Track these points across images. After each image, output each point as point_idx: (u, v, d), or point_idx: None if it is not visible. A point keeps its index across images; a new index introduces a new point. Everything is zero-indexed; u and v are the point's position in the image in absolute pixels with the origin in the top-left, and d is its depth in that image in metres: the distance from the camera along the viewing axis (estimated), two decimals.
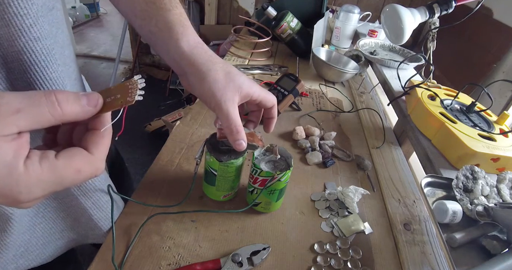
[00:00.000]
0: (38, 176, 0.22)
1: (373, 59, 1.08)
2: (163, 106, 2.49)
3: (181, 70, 0.42)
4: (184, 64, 0.40)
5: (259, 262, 0.46)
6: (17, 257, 0.45)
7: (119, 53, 2.43)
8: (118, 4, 0.42)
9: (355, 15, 1.36)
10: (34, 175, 0.22)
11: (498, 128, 0.67)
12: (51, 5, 0.34)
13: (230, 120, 0.40)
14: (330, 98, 0.99)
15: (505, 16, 1.18)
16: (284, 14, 1.12)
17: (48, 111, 0.22)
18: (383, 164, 0.74)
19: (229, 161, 0.49)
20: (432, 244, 0.55)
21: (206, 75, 0.39)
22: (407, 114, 0.77)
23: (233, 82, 0.40)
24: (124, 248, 0.46)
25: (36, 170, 0.22)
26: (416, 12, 0.86)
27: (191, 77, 0.40)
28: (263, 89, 0.45)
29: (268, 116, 0.48)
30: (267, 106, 0.46)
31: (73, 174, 0.24)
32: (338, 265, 0.48)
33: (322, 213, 0.57)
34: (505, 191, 0.51)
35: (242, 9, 2.47)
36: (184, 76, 0.42)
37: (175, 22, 0.40)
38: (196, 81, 0.40)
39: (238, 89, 0.40)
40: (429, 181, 0.54)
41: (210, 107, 0.41)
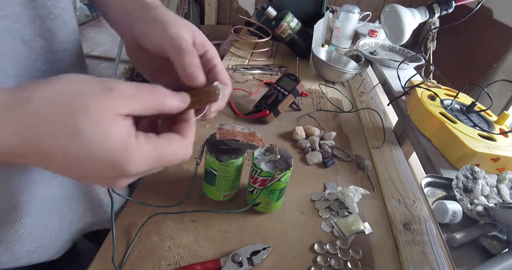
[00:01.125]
0: (144, 151, 0.25)
1: (373, 59, 1.08)
2: None
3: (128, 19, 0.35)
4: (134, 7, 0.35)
5: (259, 262, 0.46)
6: (30, 253, 0.46)
7: (119, 53, 2.43)
8: None
9: (355, 15, 1.36)
10: (141, 150, 0.25)
11: (498, 128, 0.67)
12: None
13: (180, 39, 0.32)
14: (330, 98, 0.99)
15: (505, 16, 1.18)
16: (284, 14, 1.12)
17: (155, 101, 0.26)
18: (383, 164, 0.74)
19: (229, 160, 0.49)
20: (432, 244, 0.55)
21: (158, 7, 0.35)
22: (407, 114, 0.77)
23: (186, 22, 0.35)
24: (124, 248, 0.46)
25: (143, 146, 0.25)
26: (416, 12, 0.86)
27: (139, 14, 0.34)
28: None
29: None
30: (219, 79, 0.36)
31: (171, 154, 0.27)
32: (338, 265, 0.48)
33: (322, 213, 0.57)
34: (505, 191, 0.51)
35: (242, 9, 2.47)
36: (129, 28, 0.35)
37: None
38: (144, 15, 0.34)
39: (189, 30, 0.34)
40: (429, 181, 0.54)
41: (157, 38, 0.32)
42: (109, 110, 0.23)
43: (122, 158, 0.24)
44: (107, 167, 0.24)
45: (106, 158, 0.23)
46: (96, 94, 0.23)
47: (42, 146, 0.22)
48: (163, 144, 0.27)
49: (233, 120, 0.79)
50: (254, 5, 2.40)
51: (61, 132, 0.22)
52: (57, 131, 0.22)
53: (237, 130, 0.49)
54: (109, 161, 0.23)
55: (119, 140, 0.24)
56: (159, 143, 0.26)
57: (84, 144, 0.22)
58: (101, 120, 0.23)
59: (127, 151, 0.24)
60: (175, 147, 0.27)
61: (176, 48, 0.31)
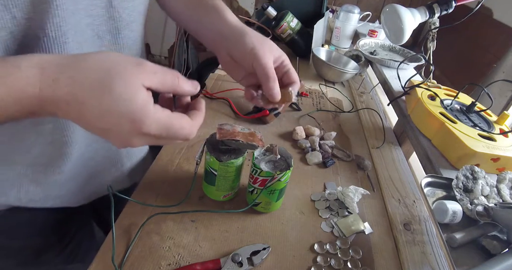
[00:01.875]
0: (158, 115, 0.31)
1: (373, 59, 1.08)
2: None
3: (222, 40, 0.49)
4: (228, 31, 0.49)
5: (259, 262, 0.46)
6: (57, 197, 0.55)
7: None
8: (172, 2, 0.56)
9: (355, 15, 1.36)
10: (156, 113, 0.30)
11: (498, 128, 0.67)
12: None
13: (268, 70, 0.45)
14: (330, 98, 0.99)
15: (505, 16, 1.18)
16: (284, 14, 1.12)
17: (171, 81, 0.32)
18: (383, 164, 0.74)
19: (229, 160, 0.49)
20: (432, 244, 0.55)
21: (247, 33, 0.48)
22: (407, 114, 0.77)
23: (268, 43, 0.48)
24: (124, 248, 0.46)
25: (158, 111, 0.31)
26: (416, 12, 0.86)
27: (233, 38, 0.48)
28: None
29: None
30: (291, 80, 0.50)
31: (178, 127, 0.32)
32: (338, 265, 0.48)
33: (322, 213, 0.57)
34: (505, 191, 0.51)
35: (242, 9, 2.47)
36: (224, 47, 0.50)
37: (220, 5, 0.52)
38: (238, 40, 0.47)
39: (272, 50, 0.47)
40: (429, 181, 0.54)
41: (249, 61, 0.46)
42: (136, 79, 0.29)
43: (141, 115, 0.29)
44: (128, 121, 0.29)
45: (129, 113, 0.29)
46: (129, 65, 0.30)
47: (83, 96, 0.28)
48: (174, 117, 0.32)
49: (233, 120, 0.79)
50: (254, 5, 2.39)
51: (99, 88, 0.28)
52: (97, 87, 0.28)
53: (237, 130, 0.49)
54: (130, 116, 0.29)
55: (141, 101, 0.29)
56: (171, 115, 0.32)
57: (114, 99, 0.28)
58: (129, 85, 0.29)
59: (146, 111, 0.30)
60: (183, 123, 0.33)
61: (265, 76, 0.45)
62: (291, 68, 0.50)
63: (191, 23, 0.55)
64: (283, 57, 0.49)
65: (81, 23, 0.39)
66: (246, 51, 0.46)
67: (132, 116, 0.29)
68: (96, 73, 0.29)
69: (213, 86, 0.92)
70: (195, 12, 0.54)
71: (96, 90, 0.28)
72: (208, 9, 0.52)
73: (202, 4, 0.53)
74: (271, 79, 0.45)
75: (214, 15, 0.51)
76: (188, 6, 0.55)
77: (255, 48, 0.45)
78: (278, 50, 0.49)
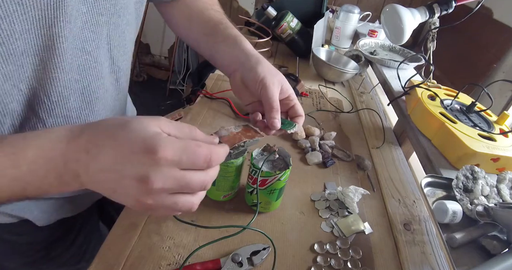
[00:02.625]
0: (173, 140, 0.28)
1: (373, 59, 1.08)
2: (163, 106, 2.49)
3: (237, 64, 0.52)
4: (244, 57, 0.52)
5: (259, 262, 0.46)
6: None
7: None
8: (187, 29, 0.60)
9: (355, 15, 1.36)
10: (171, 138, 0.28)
11: (498, 128, 0.67)
12: None
13: (273, 101, 0.47)
14: (330, 98, 0.99)
15: (505, 16, 1.18)
16: (284, 14, 1.12)
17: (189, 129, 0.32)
18: (383, 164, 0.74)
19: (229, 161, 0.49)
20: (432, 244, 0.55)
21: (262, 62, 0.51)
22: (407, 114, 0.77)
23: (279, 76, 0.50)
24: (124, 248, 0.46)
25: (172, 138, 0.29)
26: (416, 12, 0.86)
27: (248, 65, 0.51)
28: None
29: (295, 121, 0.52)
30: (297, 114, 0.52)
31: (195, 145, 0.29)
32: (338, 265, 0.48)
33: (322, 213, 0.57)
34: (505, 191, 0.51)
35: (242, 9, 2.47)
36: (237, 71, 0.52)
37: (236, 34, 0.56)
38: (252, 67, 0.50)
39: (280, 82, 0.50)
40: (429, 181, 0.54)
41: (257, 89, 0.49)
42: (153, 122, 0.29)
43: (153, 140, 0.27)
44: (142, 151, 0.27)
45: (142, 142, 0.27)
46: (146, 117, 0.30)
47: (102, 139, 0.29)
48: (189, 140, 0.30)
49: (233, 120, 0.79)
50: (254, 5, 2.39)
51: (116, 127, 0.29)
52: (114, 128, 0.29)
53: (235, 132, 0.49)
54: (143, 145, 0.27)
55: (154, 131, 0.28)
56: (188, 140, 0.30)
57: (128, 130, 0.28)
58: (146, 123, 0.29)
59: (159, 137, 0.28)
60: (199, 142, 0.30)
61: (270, 106, 0.47)
62: (297, 103, 0.52)
63: (207, 48, 0.58)
64: (290, 91, 0.51)
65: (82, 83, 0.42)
66: (256, 80, 0.49)
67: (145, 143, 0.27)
68: (116, 121, 0.30)
69: (213, 86, 0.92)
70: (212, 38, 0.57)
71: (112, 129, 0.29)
72: (226, 36, 0.56)
73: (220, 30, 0.57)
74: (274, 110, 0.47)
75: (231, 41, 0.55)
76: (205, 32, 0.58)
77: (265, 78, 0.48)
78: (287, 84, 0.51)
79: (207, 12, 0.59)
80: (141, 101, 2.71)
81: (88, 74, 0.42)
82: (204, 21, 0.59)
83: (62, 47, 0.36)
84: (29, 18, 0.31)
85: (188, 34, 0.61)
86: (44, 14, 0.32)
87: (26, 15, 0.31)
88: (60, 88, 0.39)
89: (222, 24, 0.58)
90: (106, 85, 0.46)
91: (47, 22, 0.33)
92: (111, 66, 0.46)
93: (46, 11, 0.32)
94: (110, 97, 0.48)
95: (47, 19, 0.33)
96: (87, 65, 0.41)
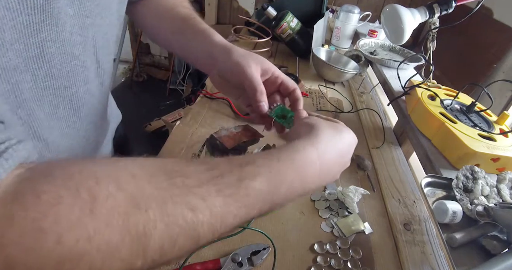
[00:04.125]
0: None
1: (373, 59, 1.08)
2: (163, 106, 2.49)
3: (212, 60, 0.49)
4: (216, 51, 0.49)
5: (259, 262, 0.46)
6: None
7: (119, 53, 2.43)
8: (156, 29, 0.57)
9: (355, 15, 1.36)
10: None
11: (498, 128, 0.67)
12: None
13: (254, 82, 0.44)
14: (330, 98, 0.99)
15: (505, 16, 1.18)
16: (284, 14, 1.12)
17: None
18: (383, 164, 0.74)
19: None
20: (432, 244, 0.55)
21: (233, 50, 0.47)
22: (407, 114, 0.77)
23: (254, 56, 0.47)
24: None
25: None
26: (416, 12, 0.86)
27: (221, 57, 0.48)
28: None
29: (294, 99, 0.50)
30: (289, 89, 0.49)
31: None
32: (338, 265, 0.48)
33: (322, 213, 0.57)
34: (505, 191, 0.51)
35: (242, 9, 2.47)
36: (214, 67, 0.49)
37: (206, 28, 0.52)
38: (225, 57, 0.47)
39: (258, 62, 0.47)
40: (429, 181, 0.54)
41: (236, 76, 0.46)
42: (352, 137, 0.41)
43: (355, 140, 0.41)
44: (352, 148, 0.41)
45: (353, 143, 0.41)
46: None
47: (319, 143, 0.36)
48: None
49: (233, 120, 0.79)
50: (254, 5, 2.39)
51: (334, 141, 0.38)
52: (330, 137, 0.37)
53: (235, 132, 0.49)
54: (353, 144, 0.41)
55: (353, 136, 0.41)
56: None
57: (343, 140, 0.39)
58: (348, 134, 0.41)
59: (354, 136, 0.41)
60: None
61: (252, 89, 0.45)
62: (284, 78, 0.49)
63: (179, 47, 0.55)
64: (273, 69, 0.48)
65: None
66: (232, 67, 0.46)
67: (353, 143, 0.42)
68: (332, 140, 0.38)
69: (213, 86, 0.92)
70: (182, 37, 0.53)
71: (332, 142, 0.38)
72: (195, 32, 0.52)
73: (188, 28, 0.53)
74: (258, 92, 0.44)
75: (201, 37, 0.51)
76: (174, 30, 0.54)
77: (239, 63, 0.45)
78: (266, 62, 0.48)
79: (176, 9, 0.56)
80: (141, 101, 2.71)
81: (77, 80, 0.39)
82: (172, 19, 0.56)
83: (50, 52, 0.33)
84: (17, 24, 0.28)
85: (158, 33, 0.58)
86: (31, 19, 0.29)
87: (14, 21, 0.28)
88: (50, 97, 0.36)
89: (190, 19, 0.55)
90: (92, 90, 0.43)
91: (34, 28, 0.30)
92: (97, 69, 0.43)
93: (33, 16, 0.29)
94: (96, 101, 0.46)
95: (34, 24, 0.30)
96: (76, 70, 0.38)
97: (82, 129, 0.43)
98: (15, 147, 0.23)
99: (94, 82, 0.43)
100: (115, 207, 0.22)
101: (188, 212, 0.24)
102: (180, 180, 0.26)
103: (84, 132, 0.44)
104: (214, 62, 0.49)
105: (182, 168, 0.27)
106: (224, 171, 0.28)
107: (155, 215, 0.23)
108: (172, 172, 0.26)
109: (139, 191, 0.24)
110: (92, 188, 0.22)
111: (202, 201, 0.25)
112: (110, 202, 0.22)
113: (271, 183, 0.29)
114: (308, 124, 0.39)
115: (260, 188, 0.29)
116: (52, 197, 0.21)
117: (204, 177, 0.27)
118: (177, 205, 0.24)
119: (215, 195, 0.26)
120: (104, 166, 0.25)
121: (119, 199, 0.23)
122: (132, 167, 0.25)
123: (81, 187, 0.22)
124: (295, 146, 0.34)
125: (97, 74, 0.44)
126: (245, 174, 0.28)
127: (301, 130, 0.38)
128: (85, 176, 0.23)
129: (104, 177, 0.23)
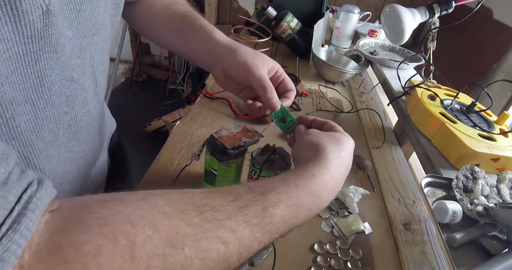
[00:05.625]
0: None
1: (373, 59, 1.08)
2: (163, 106, 2.49)
3: (214, 58, 0.50)
4: (219, 49, 0.49)
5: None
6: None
7: (119, 53, 2.42)
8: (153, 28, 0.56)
9: (355, 15, 1.36)
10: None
11: (498, 128, 0.67)
12: None
13: (263, 81, 0.46)
14: (330, 98, 0.99)
15: (505, 16, 1.18)
16: (284, 14, 1.12)
17: None
18: (383, 164, 0.74)
19: (229, 160, 0.49)
20: (432, 244, 0.55)
21: (238, 49, 0.48)
22: (407, 114, 0.77)
23: (260, 56, 0.49)
24: None
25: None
26: (416, 12, 0.86)
27: (225, 55, 0.48)
28: None
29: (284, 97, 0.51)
30: (287, 88, 0.50)
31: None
32: (338, 265, 0.48)
33: (322, 213, 0.57)
34: (505, 191, 0.51)
35: (242, 9, 2.47)
36: (217, 65, 0.50)
37: (206, 25, 0.52)
38: (230, 56, 0.48)
39: (265, 61, 0.48)
40: (429, 181, 0.54)
41: (243, 76, 0.47)
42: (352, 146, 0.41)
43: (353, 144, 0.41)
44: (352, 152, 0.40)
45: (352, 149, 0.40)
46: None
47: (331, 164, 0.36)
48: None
49: (233, 120, 0.79)
50: (254, 5, 2.39)
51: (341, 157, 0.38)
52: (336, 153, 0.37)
53: (235, 132, 0.49)
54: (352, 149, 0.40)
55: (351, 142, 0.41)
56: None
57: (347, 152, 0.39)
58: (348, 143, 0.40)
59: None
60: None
61: (262, 88, 0.46)
62: (286, 77, 0.50)
63: (179, 46, 0.55)
64: (277, 67, 0.50)
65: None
66: (239, 66, 0.47)
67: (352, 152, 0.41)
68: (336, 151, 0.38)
69: (213, 86, 0.92)
70: (181, 35, 0.53)
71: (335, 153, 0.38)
72: (195, 30, 0.52)
73: (187, 25, 0.53)
74: (268, 90, 0.46)
75: (202, 35, 0.51)
76: (172, 30, 0.54)
77: (247, 63, 0.46)
78: (271, 61, 0.50)
79: (173, 7, 0.56)
80: (141, 101, 2.71)
81: (76, 104, 0.37)
82: (170, 18, 0.55)
83: (50, 80, 0.31)
84: (13, 55, 0.26)
85: (156, 32, 0.57)
86: (28, 48, 0.27)
87: (9, 52, 0.25)
88: (51, 126, 0.34)
89: (189, 17, 0.54)
90: (91, 110, 0.42)
91: (32, 57, 0.28)
92: (95, 89, 0.41)
93: (30, 45, 0.27)
94: (94, 121, 0.44)
95: (32, 54, 0.28)
96: (75, 94, 0.36)
97: (80, 151, 0.42)
98: (38, 195, 0.22)
99: (92, 103, 0.42)
100: (153, 249, 0.22)
101: (220, 245, 0.25)
102: (210, 214, 0.26)
103: (81, 153, 0.42)
104: (216, 60, 0.50)
105: (210, 201, 0.27)
106: (249, 201, 0.29)
107: (190, 252, 0.24)
108: (201, 206, 0.26)
109: (174, 229, 0.24)
110: (129, 232, 0.22)
111: (232, 233, 0.26)
112: (148, 245, 0.22)
113: (291, 208, 0.30)
114: (313, 144, 0.38)
115: (282, 214, 0.30)
116: (92, 247, 0.21)
117: (231, 209, 0.27)
118: (210, 240, 0.25)
119: (243, 227, 0.27)
120: (134, 206, 0.24)
121: (156, 240, 0.23)
122: (162, 204, 0.25)
123: (118, 233, 0.22)
124: (310, 171, 0.34)
125: (95, 94, 0.42)
126: (268, 202, 0.29)
127: (308, 151, 0.38)
128: (119, 221, 0.23)
129: (138, 219, 0.23)
